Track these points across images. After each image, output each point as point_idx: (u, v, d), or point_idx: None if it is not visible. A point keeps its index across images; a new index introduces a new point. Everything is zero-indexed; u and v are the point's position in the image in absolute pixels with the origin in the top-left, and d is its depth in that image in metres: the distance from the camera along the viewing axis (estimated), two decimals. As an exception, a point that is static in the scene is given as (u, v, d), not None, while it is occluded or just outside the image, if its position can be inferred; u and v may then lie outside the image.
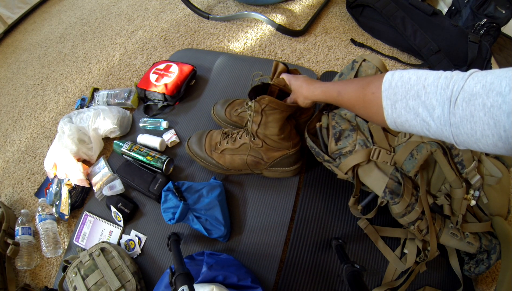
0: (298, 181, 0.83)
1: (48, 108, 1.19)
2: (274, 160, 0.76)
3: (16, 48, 1.51)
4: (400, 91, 0.39)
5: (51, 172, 0.90)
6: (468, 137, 0.33)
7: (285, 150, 0.75)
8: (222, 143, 0.79)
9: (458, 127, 0.34)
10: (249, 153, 0.75)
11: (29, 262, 0.81)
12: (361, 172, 0.66)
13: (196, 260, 0.69)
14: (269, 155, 0.75)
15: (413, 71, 0.40)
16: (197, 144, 0.83)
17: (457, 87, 0.34)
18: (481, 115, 0.31)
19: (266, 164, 0.78)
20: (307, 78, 0.65)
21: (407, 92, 0.39)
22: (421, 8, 1.05)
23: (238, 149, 0.76)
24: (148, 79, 1.00)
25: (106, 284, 0.67)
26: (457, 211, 0.64)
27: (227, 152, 0.78)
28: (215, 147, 0.80)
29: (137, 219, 0.83)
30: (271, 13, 1.30)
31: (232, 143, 0.77)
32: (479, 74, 0.33)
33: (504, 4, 1.06)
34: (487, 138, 0.32)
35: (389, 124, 0.43)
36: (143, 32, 1.35)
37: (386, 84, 0.41)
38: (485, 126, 0.31)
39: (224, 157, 0.79)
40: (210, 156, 0.80)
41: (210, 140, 0.82)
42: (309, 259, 0.73)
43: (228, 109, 0.88)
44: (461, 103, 0.33)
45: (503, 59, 1.20)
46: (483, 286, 0.75)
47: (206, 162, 0.82)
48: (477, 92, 0.32)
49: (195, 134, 0.85)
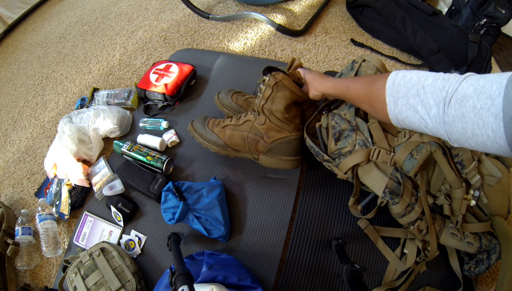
0: (298, 181, 0.83)
1: (48, 108, 1.19)
2: (274, 140, 0.75)
3: (16, 48, 1.51)
4: (402, 90, 0.43)
5: (51, 172, 0.90)
6: (460, 136, 0.36)
7: (286, 132, 0.75)
8: (225, 121, 0.81)
9: (451, 126, 0.37)
10: (251, 129, 0.76)
11: (29, 262, 0.81)
12: (361, 172, 0.66)
13: (196, 260, 0.69)
14: (270, 134, 0.75)
15: (415, 72, 0.43)
16: (200, 122, 0.84)
17: (452, 89, 0.36)
18: (471, 116, 0.34)
19: (266, 144, 0.76)
20: (320, 73, 0.70)
21: (408, 90, 0.42)
22: (421, 8, 1.05)
23: (241, 125, 0.77)
24: (148, 79, 1.00)
25: (106, 284, 0.67)
26: (457, 211, 0.64)
27: (229, 128, 0.79)
28: (218, 123, 0.81)
29: (137, 219, 0.83)
30: (271, 13, 1.30)
31: (236, 121, 0.78)
32: (473, 78, 0.36)
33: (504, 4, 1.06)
34: (477, 137, 0.34)
35: (391, 119, 0.46)
36: (143, 32, 1.35)
37: (390, 82, 0.45)
38: (474, 126, 0.34)
39: (224, 131, 0.79)
40: (211, 130, 0.81)
41: (215, 120, 0.83)
42: (309, 259, 0.73)
43: (235, 95, 0.88)
44: (454, 104, 0.36)
45: (503, 59, 1.20)
46: (483, 286, 0.75)
47: (204, 138, 0.81)
48: (469, 94, 0.34)
49: (201, 117, 0.86)
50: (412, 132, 0.63)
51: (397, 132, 0.66)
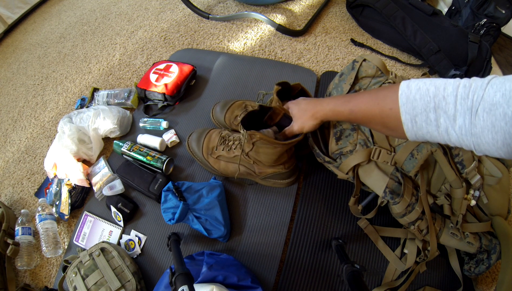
0: (298, 181, 0.83)
1: (48, 108, 1.19)
2: (266, 175, 0.76)
3: (16, 48, 1.51)
4: (420, 105, 0.38)
5: (51, 172, 0.90)
6: (490, 147, 0.33)
7: (278, 168, 0.74)
8: (218, 148, 0.79)
9: (479, 137, 0.33)
10: (242, 163, 0.75)
11: (29, 262, 0.81)
12: (361, 172, 0.66)
13: (196, 260, 0.69)
14: (261, 169, 0.75)
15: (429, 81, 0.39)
16: (196, 144, 0.83)
17: (477, 97, 0.33)
18: (502, 125, 0.31)
19: (258, 177, 0.78)
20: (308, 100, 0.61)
21: (426, 105, 0.38)
22: (421, 8, 1.05)
23: (232, 158, 0.76)
24: (148, 79, 1.00)
25: (106, 284, 0.67)
26: (457, 211, 0.64)
27: (222, 159, 0.79)
28: (211, 151, 0.80)
29: (137, 219, 0.83)
30: (271, 13, 1.30)
31: (227, 152, 0.77)
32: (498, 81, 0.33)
33: (504, 4, 1.06)
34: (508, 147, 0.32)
35: (410, 137, 0.42)
36: (143, 32, 1.35)
37: (403, 98, 0.40)
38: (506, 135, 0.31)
39: (219, 162, 0.80)
40: (206, 159, 0.81)
41: (208, 143, 0.82)
42: (309, 259, 0.73)
43: (228, 115, 0.87)
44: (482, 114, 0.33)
45: (503, 59, 1.20)
46: (483, 286, 0.75)
47: (202, 163, 0.83)
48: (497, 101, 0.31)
49: (195, 132, 0.85)
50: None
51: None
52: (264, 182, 0.80)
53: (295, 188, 0.81)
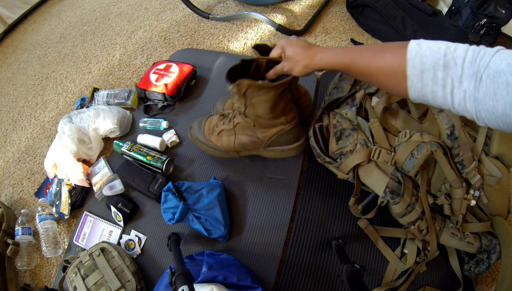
0: (298, 181, 0.83)
1: (48, 108, 1.19)
2: (270, 137, 0.72)
3: (16, 48, 1.51)
4: (429, 61, 0.37)
5: (51, 172, 0.90)
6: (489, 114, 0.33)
7: (280, 125, 0.69)
8: (219, 125, 0.77)
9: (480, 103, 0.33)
10: (244, 132, 0.72)
11: (29, 262, 0.81)
12: (361, 172, 0.66)
13: (196, 260, 0.69)
14: (264, 132, 0.71)
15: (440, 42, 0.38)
16: (197, 130, 0.83)
17: (483, 62, 0.33)
18: (504, 94, 0.31)
19: (263, 143, 0.74)
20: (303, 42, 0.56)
21: (436, 62, 0.37)
22: (421, 8, 1.05)
23: (233, 128, 0.73)
24: (148, 79, 1.00)
25: (106, 284, 0.67)
26: (457, 211, 0.64)
27: (224, 133, 0.76)
28: (212, 130, 0.79)
29: (137, 219, 0.83)
30: (271, 13, 1.30)
31: (228, 124, 0.74)
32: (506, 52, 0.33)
33: (504, 4, 1.06)
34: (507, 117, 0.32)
35: (411, 94, 0.41)
36: (143, 32, 1.35)
37: (412, 52, 0.39)
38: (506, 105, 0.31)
39: (221, 139, 0.77)
40: (208, 139, 0.79)
41: (209, 124, 0.81)
42: (309, 259, 0.73)
43: (227, 105, 0.88)
44: (485, 80, 0.32)
45: (503, 59, 1.20)
46: (483, 286, 0.75)
47: (206, 146, 0.81)
48: (502, 70, 0.31)
49: (196, 120, 0.85)
50: (412, 132, 0.63)
51: (398, 132, 0.66)
52: (272, 153, 0.75)
53: (295, 188, 0.81)
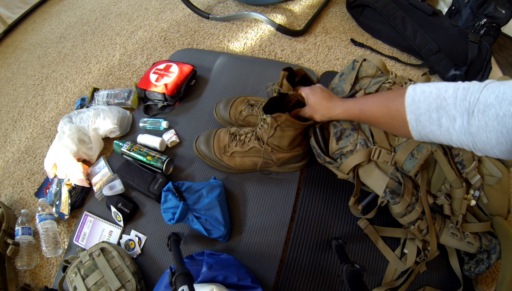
0: (298, 181, 0.83)
1: (48, 108, 1.19)
2: (283, 160, 0.78)
3: (16, 48, 1.51)
4: (423, 106, 0.42)
5: (51, 172, 0.90)
6: (485, 145, 0.36)
7: (295, 152, 0.77)
8: (231, 145, 0.80)
9: (475, 136, 0.36)
10: (259, 154, 0.77)
11: (29, 262, 0.81)
12: (361, 172, 0.66)
13: (196, 260, 0.69)
14: (279, 156, 0.77)
15: (434, 85, 0.42)
16: (205, 146, 0.83)
17: (473, 99, 0.36)
18: (495, 125, 0.33)
19: (275, 164, 0.79)
20: (325, 93, 0.64)
21: (429, 105, 0.41)
22: (421, 8, 1.05)
23: (248, 151, 0.78)
24: (148, 79, 1.00)
25: (106, 284, 0.67)
26: (457, 211, 0.64)
27: (237, 155, 0.79)
28: (224, 150, 0.81)
29: (137, 219, 0.83)
30: (271, 13, 1.30)
31: (241, 147, 0.78)
32: (494, 85, 0.35)
33: (504, 4, 1.06)
34: (501, 145, 0.34)
35: (414, 136, 0.45)
36: (143, 32, 1.35)
37: (409, 100, 0.44)
38: (499, 134, 0.33)
39: (234, 159, 0.80)
40: (220, 159, 0.81)
41: (218, 142, 0.82)
42: (309, 259, 0.73)
43: (232, 111, 0.88)
44: (477, 114, 0.35)
45: (503, 59, 1.20)
46: (483, 286, 0.75)
47: (216, 163, 0.83)
48: (491, 103, 0.34)
49: (202, 135, 0.86)
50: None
51: (397, 132, 0.65)
52: (281, 169, 0.82)
53: (295, 188, 0.81)
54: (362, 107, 0.55)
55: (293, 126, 0.67)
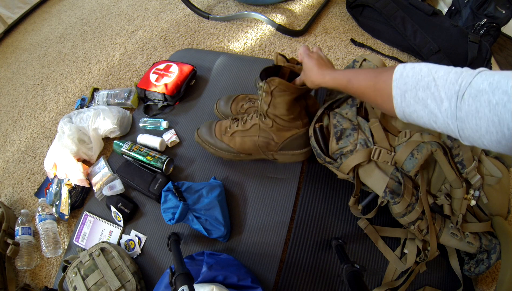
0: (298, 181, 0.83)
1: (48, 108, 1.19)
2: (284, 140, 0.76)
3: (16, 48, 1.51)
4: (411, 81, 0.40)
5: (51, 172, 0.90)
6: (473, 133, 0.34)
7: (295, 129, 0.75)
8: (232, 126, 0.79)
9: (463, 122, 0.34)
10: (260, 133, 0.75)
11: (29, 262, 0.81)
12: (361, 172, 0.66)
13: (196, 260, 0.69)
14: (279, 134, 0.75)
15: (425, 64, 0.41)
16: (207, 132, 0.83)
17: (465, 82, 0.34)
18: (486, 112, 0.32)
19: (277, 145, 0.77)
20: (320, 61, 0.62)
21: (417, 82, 0.39)
22: (421, 8, 1.05)
23: (249, 130, 0.76)
24: (148, 79, 1.00)
25: (106, 284, 0.67)
26: (457, 210, 0.64)
27: (238, 134, 0.78)
28: (225, 131, 0.80)
29: (137, 219, 0.83)
30: (271, 13, 1.30)
31: (243, 125, 0.77)
32: (488, 72, 0.34)
33: (504, 4, 1.06)
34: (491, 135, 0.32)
35: (398, 113, 0.44)
36: (143, 32, 1.35)
37: (397, 74, 0.42)
38: (489, 123, 0.32)
39: (234, 139, 0.79)
40: (220, 139, 0.80)
41: (220, 127, 0.82)
42: (309, 259, 0.73)
43: (234, 105, 0.88)
44: (467, 99, 0.34)
45: (503, 59, 1.20)
46: (483, 286, 0.75)
47: (216, 147, 0.82)
48: (484, 89, 0.32)
49: (204, 124, 0.85)
50: (412, 132, 0.63)
51: (398, 132, 0.66)
52: (282, 157, 0.80)
53: (295, 188, 0.81)
54: (350, 78, 0.54)
55: (287, 90, 0.66)
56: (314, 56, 0.64)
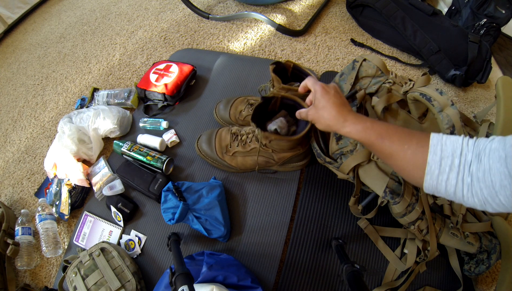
0: (298, 181, 0.83)
1: (48, 108, 1.19)
2: (284, 159, 0.77)
3: (16, 48, 1.51)
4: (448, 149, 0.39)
5: (51, 172, 0.90)
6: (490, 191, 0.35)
7: (296, 150, 0.76)
8: (232, 145, 0.80)
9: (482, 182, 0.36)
10: (260, 154, 0.77)
11: (29, 262, 0.81)
12: (361, 172, 0.66)
13: (196, 260, 0.69)
14: (280, 155, 0.76)
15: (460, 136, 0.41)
16: (207, 146, 0.83)
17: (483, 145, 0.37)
18: (498, 166, 0.34)
19: (277, 163, 0.79)
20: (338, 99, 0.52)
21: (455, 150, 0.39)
22: (421, 8, 1.05)
23: (249, 151, 0.78)
24: (148, 79, 1.00)
25: (106, 284, 0.67)
26: (457, 210, 0.64)
27: (239, 154, 0.79)
28: (226, 149, 0.81)
29: (137, 219, 0.83)
30: (271, 13, 1.30)
31: (243, 147, 0.78)
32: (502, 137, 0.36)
33: (504, 4, 1.06)
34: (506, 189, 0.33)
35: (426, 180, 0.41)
36: (143, 32, 1.35)
37: (434, 140, 0.41)
38: (502, 176, 0.33)
39: (236, 159, 0.80)
40: (222, 158, 0.81)
41: (220, 141, 0.82)
42: (309, 259, 0.73)
43: (232, 111, 0.88)
44: (483, 159, 0.36)
45: (503, 59, 1.20)
46: (483, 286, 0.75)
47: (217, 163, 0.83)
48: (495, 147, 0.35)
49: (204, 135, 0.86)
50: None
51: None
52: (283, 168, 0.82)
53: (295, 188, 0.81)
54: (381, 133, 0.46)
55: (286, 142, 0.67)
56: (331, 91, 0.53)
